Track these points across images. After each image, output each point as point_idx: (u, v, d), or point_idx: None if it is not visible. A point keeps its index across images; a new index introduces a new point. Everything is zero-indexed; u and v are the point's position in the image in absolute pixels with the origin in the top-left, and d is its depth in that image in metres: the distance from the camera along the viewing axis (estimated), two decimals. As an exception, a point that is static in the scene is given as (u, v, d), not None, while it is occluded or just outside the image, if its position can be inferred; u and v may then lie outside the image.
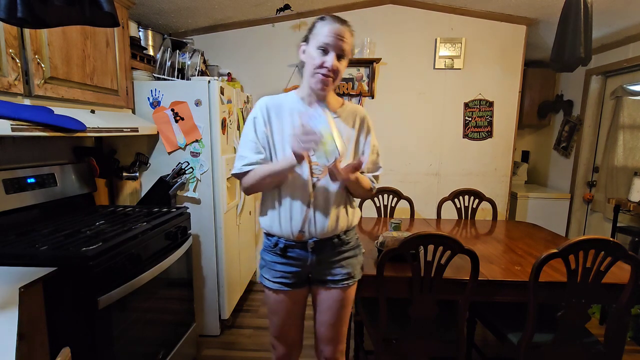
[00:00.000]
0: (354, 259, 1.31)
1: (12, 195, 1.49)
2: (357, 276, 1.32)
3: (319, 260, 1.25)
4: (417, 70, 2.95)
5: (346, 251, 1.28)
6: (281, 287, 1.28)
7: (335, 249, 1.26)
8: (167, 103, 2.11)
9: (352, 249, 1.30)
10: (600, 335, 1.55)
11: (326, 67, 1.13)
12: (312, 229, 1.21)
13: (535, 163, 3.88)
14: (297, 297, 1.31)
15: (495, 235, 2.19)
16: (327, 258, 1.26)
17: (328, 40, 1.12)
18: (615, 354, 1.50)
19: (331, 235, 1.24)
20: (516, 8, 2.68)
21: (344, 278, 1.27)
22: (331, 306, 1.30)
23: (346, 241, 1.28)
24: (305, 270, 1.27)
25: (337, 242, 1.26)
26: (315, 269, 1.27)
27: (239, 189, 2.54)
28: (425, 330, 1.50)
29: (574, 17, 1.83)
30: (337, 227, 1.24)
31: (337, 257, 1.27)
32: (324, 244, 1.24)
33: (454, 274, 1.50)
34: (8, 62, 1.26)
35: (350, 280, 1.29)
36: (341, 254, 1.27)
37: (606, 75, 3.03)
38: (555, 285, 1.46)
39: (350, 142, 1.26)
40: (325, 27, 1.13)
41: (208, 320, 2.31)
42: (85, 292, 1.22)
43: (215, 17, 2.74)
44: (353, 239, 1.32)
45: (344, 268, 1.28)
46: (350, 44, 1.17)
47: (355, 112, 1.30)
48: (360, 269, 1.34)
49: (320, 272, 1.27)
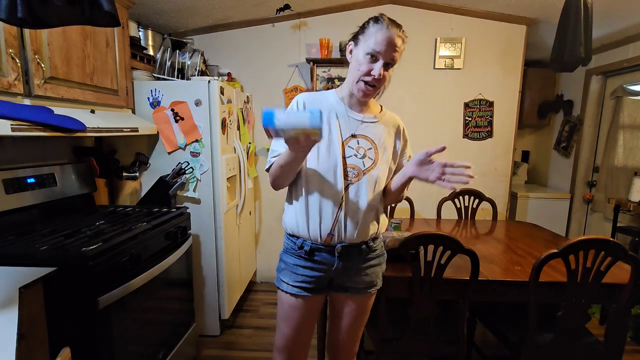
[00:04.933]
0: (378, 267, 1.27)
1: (12, 195, 1.49)
2: (379, 284, 1.29)
3: (344, 267, 1.20)
4: (417, 70, 2.95)
5: (372, 259, 1.24)
6: (300, 292, 1.21)
7: (362, 255, 1.21)
8: (167, 103, 2.11)
9: (377, 256, 1.26)
10: (600, 335, 1.55)
11: (372, 76, 1.08)
12: (341, 233, 1.16)
13: (535, 163, 3.88)
14: (314, 305, 1.26)
15: (495, 235, 2.19)
16: (353, 265, 1.21)
17: (380, 48, 1.05)
18: (615, 354, 1.50)
19: (359, 241, 1.19)
20: (516, 8, 2.67)
21: (367, 286, 1.24)
22: (351, 313, 1.27)
23: (373, 248, 1.24)
24: (328, 275, 1.22)
25: (365, 249, 1.21)
26: (340, 274, 1.22)
27: (239, 189, 2.54)
28: (425, 330, 1.50)
29: (574, 17, 1.83)
30: (366, 234, 1.19)
31: (363, 264, 1.23)
32: (351, 250, 1.19)
33: (454, 274, 1.50)
34: (8, 62, 1.26)
35: (372, 289, 1.26)
36: (367, 261, 1.23)
37: (606, 75, 3.03)
38: (555, 285, 1.46)
39: (387, 149, 1.22)
40: (379, 32, 1.05)
41: (208, 320, 2.31)
42: (85, 292, 1.22)
43: (215, 17, 2.74)
44: (379, 247, 1.28)
45: (368, 276, 1.24)
46: (402, 51, 1.10)
47: (394, 120, 1.27)
48: (382, 277, 1.31)
49: (344, 278, 1.23)
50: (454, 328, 1.54)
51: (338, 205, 1.15)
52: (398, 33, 1.07)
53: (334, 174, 1.15)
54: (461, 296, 1.47)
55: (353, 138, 1.18)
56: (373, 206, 1.19)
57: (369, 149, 1.19)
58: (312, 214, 1.17)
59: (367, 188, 1.16)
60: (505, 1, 2.59)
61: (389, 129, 1.24)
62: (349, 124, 1.19)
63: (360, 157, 1.17)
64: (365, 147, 1.18)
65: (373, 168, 1.18)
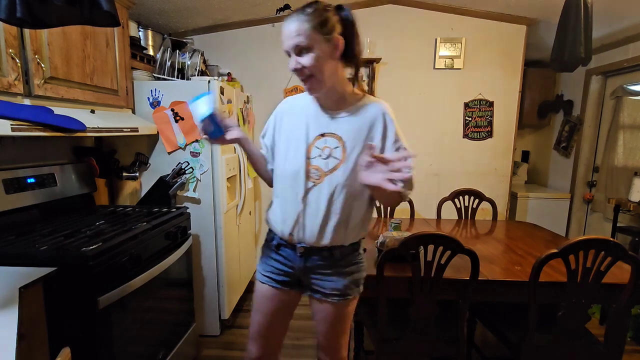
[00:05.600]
0: (349, 277, 1.18)
1: (12, 195, 1.49)
2: (352, 295, 1.20)
3: (308, 268, 1.18)
4: (417, 70, 2.95)
5: (342, 267, 1.17)
6: (269, 282, 1.24)
7: (327, 261, 1.16)
8: (167, 103, 2.11)
9: (347, 266, 1.18)
10: (600, 335, 1.55)
11: (294, 70, 1.05)
12: (300, 235, 1.14)
13: (535, 163, 3.88)
14: (284, 299, 1.25)
15: (495, 235, 2.19)
16: (317, 268, 1.17)
17: (284, 45, 1.04)
18: (615, 354, 1.49)
19: (321, 246, 1.14)
20: (516, 8, 2.68)
21: (334, 294, 1.18)
22: (325, 318, 1.23)
23: (339, 257, 1.16)
24: (295, 272, 1.21)
25: (327, 256, 1.15)
26: (305, 275, 1.20)
27: (239, 189, 2.54)
28: (425, 330, 1.50)
29: (574, 17, 1.83)
30: (329, 239, 1.12)
31: (329, 270, 1.17)
32: (314, 253, 1.16)
33: (454, 274, 1.50)
34: (8, 62, 1.26)
35: (341, 298, 1.18)
36: (335, 268, 1.17)
37: (606, 75, 3.03)
38: (555, 285, 1.46)
39: (358, 146, 1.10)
40: (281, 31, 1.04)
41: (208, 320, 2.31)
42: (85, 292, 1.22)
43: (215, 17, 2.74)
44: (352, 256, 1.18)
45: (336, 284, 1.17)
46: (305, 31, 0.99)
47: (373, 111, 1.12)
48: (356, 288, 1.21)
49: (309, 280, 1.20)
50: (454, 328, 1.54)
51: (300, 206, 1.13)
52: (294, 18, 1.02)
53: (298, 175, 1.12)
54: (461, 296, 1.47)
55: (321, 137, 1.12)
56: (338, 210, 1.10)
57: (336, 148, 1.10)
58: (280, 211, 1.19)
59: (329, 190, 1.09)
60: (505, 1, 2.59)
61: (362, 123, 1.11)
62: (319, 123, 1.14)
63: (325, 158, 1.10)
64: (331, 147, 1.11)
65: (336, 169, 1.09)
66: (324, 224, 1.11)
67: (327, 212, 1.11)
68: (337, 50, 1.04)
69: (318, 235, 1.13)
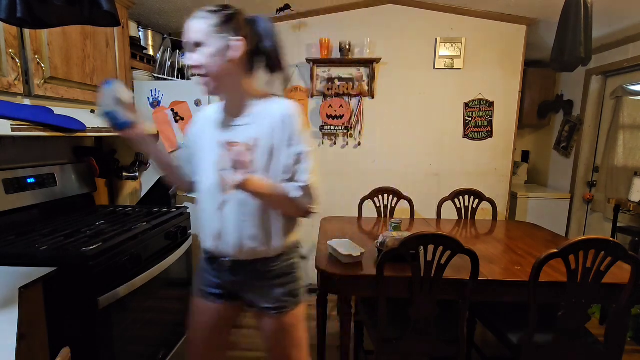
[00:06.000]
0: (280, 289, 1.13)
1: (12, 195, 1.49)
2: (288, 307, 1.15)
3: (238, 282, 1.15)
4: (417, 70, 2.95)
5: (270, 279, 1.13)
6: (204, 296, 1.19)
7: (253, 274, 1.12)
8: (167, 103, 2.11)
9: (278, 277, 1.13)
10: (600, 335, 1.55)
11: (189, 66, 1.05)
12: (222, 248, 1.10)
13: (535, 163, 3.88)
14: (221, 313, 1.20)
15: (495, 235, 2.19)
16: (246, 281, 1.14)
17: (183, 39, 1.03)
18: (615, 354, 1.49)
19: (248, 258, 1.10)
20: (516, 8, 2.67)
21: (269, 307, 1.13)
22: (266, 334, 1.18)
23: (270, 269, 1.12)
24: (227, 285, 1.18)
25: (254, 269, 1.11)
26: (238, 288, 1.17)
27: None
28: (425, 330, 1.50)
29: (574, 17, 1.83)
30: (251, 252, 1.09)
31: (258, 282, 1.13)
32: (240, 266, 1.12)
33: (454, 274, 1.50)
34: (8, 62, 1.26)
35: (275, 311, 1.13)
36: (263, 280, 1.13)
37: (606, 75, 3.03)
38: (555, 285, 1.46)
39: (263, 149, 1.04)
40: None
41: (208, 320, 2.30)
42: (85, 292, 1.22)
43: (215, 17, 2.74)
44: (283, 266, 1.14)
45: (269, 297, 1.13)
46: (202, 29, 0.98)
47: (274, 114, 1.05)
48: (293, 299, 1.16)
49: (243, 292, 1.17)
50: (454, 328, 1.54)
51: (218, 220, 1.09)
52: (197, 14, 1.01)
53: (212, 188, 1.09)
54: (461, 296, 1.47)
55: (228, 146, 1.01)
56: (253, 221, 1.07)
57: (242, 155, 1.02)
58: (203, 225, 1.15)
59: (241, 201, 1.05)
60: (505, 1, 2.59)
61: (266, 127, 1.05)
62: (224, 133, 1.09)
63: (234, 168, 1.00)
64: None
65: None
66: (241, 237, 1.07)
67: (242, 224, 1.07)
68: (236, 52, 1.01)
69: (238, 249, 1.09)
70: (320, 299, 1.82)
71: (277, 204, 1.06)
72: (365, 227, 2.30)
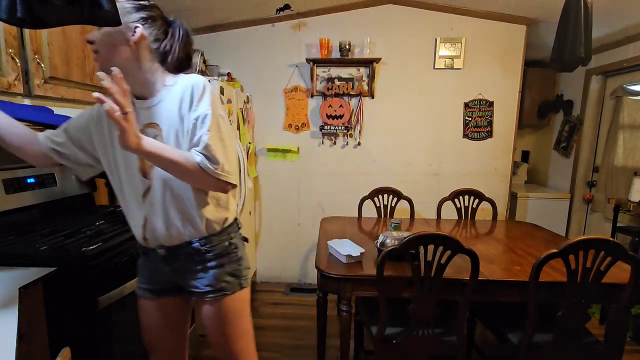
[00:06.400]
0: (220, 270, 1.10)
1: (12, 195, 1.49)
2: (229, 289, 1.11)
3: (175, 269, 1.11)
4: (417, 70, 2.95)
5: (207, 261, 1.09)
6: (147, 294, 1.16)
7: (189, 258, 1.09)
8: (167, 103, 2.11)
9: (216, 258, 1.10)
10: (600, 335, 1.55)
11: (87, 42, 1.00)
12: (155, 237, 1.07)
13: (535, 163, 3.88)
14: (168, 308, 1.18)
15: (495, 235, 2.19)
16: (183, 267, 1.10)
17: None
18: (615, 354, 1.50)
19: (179, 243, 1.07)
20: (516, 8, 2.67)
21: (207, 291, 1.09)
22: (208, 322, 1.13)
23: (205, 250, 1.08)
24: (165, 277, 1.14)
25: (192, 251, 1.08)
26: (176, 276, 1.13)
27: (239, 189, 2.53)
28: (425, 330, 1.50)
29: (574, 17, 1.83)
30: (181, 234, 1.06)
31: (197, 266, 1.09)
32: (176, 252, 1.08)
33: (454, 274, 1.50)
34: (8, 62, 1.26)
35: (214, 294, 1.09)
36: (200, 263, 1.09)
37: (606, 75, 3.03)
38: (555, 285, 1.46)
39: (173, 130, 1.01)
40: None
41: (208, 320, 2.30)
42: (85, 292, 1.22)
43: (215, 17, 2.74)
44: (219, 247, 1.10)
45: (206, 279, 1.09)
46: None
47: (181, 89, 1.01)
48: (235, 280, 1.12)
49: (181, 280, 1.13)
50: (454, 328, 1.54)
51: (142, 208, 1.06)
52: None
53: (132, 177, 1.05)
54: (461, 296, 1.47)
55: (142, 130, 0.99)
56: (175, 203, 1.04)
57: (155, 137, 1.00)
58: (129, 217, 1.11)
59: (160, 184, 1.03)
60: (505, 1, 2.59)
61: (173, 103, 1.01)
62: (138, 116, 1.02)
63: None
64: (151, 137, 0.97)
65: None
66: (168, 221, 1.05)
67: (166, 207, 1.04)
68: (132, 37, 0.99)
69: (167, 234, 1.06)
70: (320, 299, 1.82)
71: (180, 170, 0.96)
72: (365, 227, 2.30)
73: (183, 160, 0.94)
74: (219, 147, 0.97)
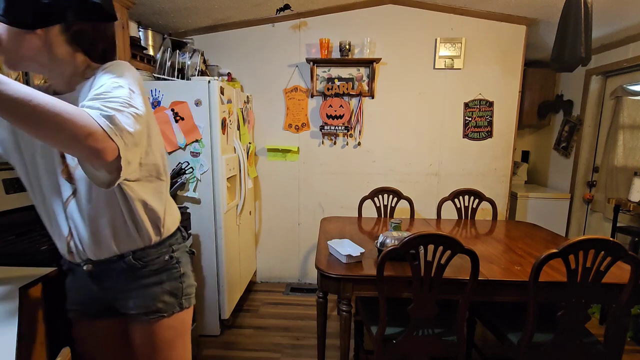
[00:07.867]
0: (157, 288, 0.96)
1: (12, 195, 1.49)
2: (166, 310, 0.97)
3: (105, 287, 0.97)
4: (417, 70, 2.95)
5: (143, 277, 0.95)
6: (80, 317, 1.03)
7: (121, 275, 0.95)
8: (167, 103, 2.11)
9: (154, 274, 0.96)
10: (600, 335, 1.55)
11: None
12: (80, 249, 0.92)
13: (535, 163, 3.88)
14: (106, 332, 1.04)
15: (495, 235, 2.19)
16: (115, 286, 0.96)
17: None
18: (615, 354, 1.50)
19: (110, 256, 0.93)
20: (516, 8, 2.68)
21: (142, 312, 0.95)
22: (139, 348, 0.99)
23: (141, 265, 0.95)
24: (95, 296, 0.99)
25: (125, 267, 0.94)
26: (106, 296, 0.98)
27: (239, 188, 2.54)
28: (425, 330, 1.50)
29: (574, 17, 1.83)
30: (108, 247, 0.92)
31: (128, 284, 0.95)
32: (106, 268, 0.94)
33: (454, 274, 1.50)
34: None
35: (150, 316, 0.95)
36: (133, 281, 0.95)
37: (606, 75, 3.03)
38: (555, 285, 1.46)
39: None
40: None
41: (208, 320, 2.31)
42: (85, 292, 1.22)
43: (215, 17, 2.74)
44: (157, 261, 0.97)
45: (141, 300, 0.95)
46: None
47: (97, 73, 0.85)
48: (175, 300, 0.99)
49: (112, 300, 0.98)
50: (454, 328, 1.54)
51: (65, 218, 0.92)
52: None
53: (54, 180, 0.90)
54: (461, 296, 1.47)
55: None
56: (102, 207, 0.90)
57: None
58: (50, 227, 0.96)
59: (85, 187, 0.88)
60: (505, 1, 2.59)
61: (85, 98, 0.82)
62: None
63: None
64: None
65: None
66: (94, 229, 0.91)
67: (93, 213, 0.90)
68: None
69: (95, 246, 0.92)
70: (320, 298, 1.82)
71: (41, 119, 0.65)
72: (365, 227, 2.30)
73: (51, 104, 0.66)
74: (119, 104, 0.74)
